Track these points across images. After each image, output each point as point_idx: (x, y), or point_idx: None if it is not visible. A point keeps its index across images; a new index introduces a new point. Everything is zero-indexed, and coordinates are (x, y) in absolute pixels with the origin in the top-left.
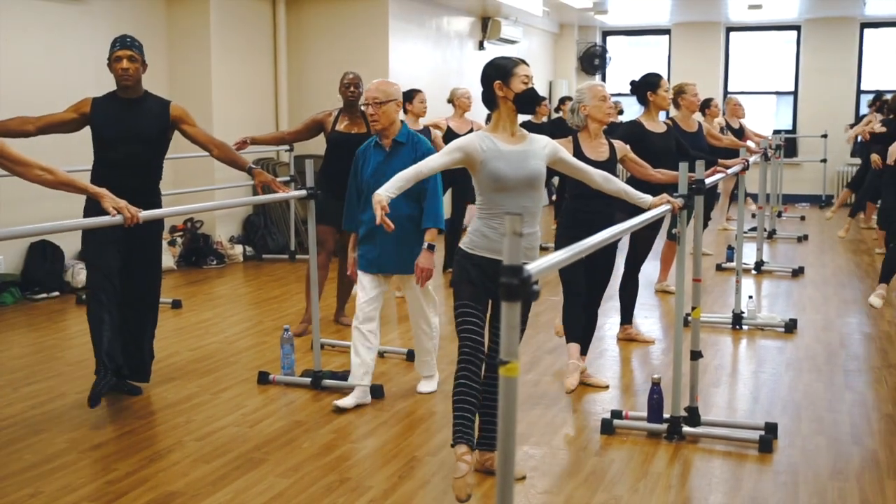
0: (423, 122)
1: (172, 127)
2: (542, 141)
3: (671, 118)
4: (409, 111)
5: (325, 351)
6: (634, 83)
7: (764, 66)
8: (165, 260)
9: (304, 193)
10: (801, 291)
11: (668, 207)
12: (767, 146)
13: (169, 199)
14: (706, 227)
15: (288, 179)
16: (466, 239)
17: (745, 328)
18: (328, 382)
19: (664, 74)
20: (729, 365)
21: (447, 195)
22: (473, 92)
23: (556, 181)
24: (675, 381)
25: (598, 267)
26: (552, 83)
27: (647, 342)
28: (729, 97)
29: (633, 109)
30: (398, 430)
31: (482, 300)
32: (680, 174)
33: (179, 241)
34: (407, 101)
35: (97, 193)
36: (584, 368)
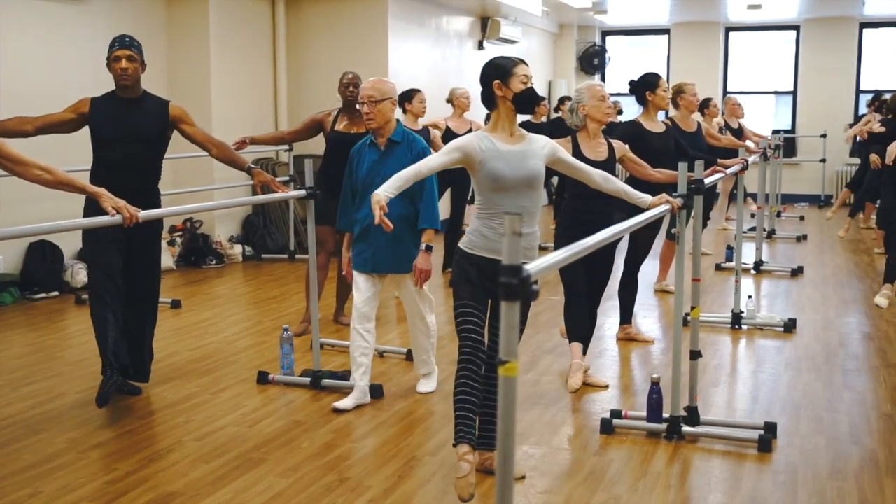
0: (422, 121)
1: (171, 126)
2: (540, 141)
3: (670, 118)
4: (408, 111)
5: (324, 351)
6: (633, 83)
7: (763, 65)
8: (165, 260)
9: (303, 193)
10: (800, 291)
11: (667, 207)
12: (766, 146)
13: (168, 198)
14: (705, 226)
15: (287, 179)
16: (465, 239)
17: (744, 328)
18: (327, 382)
19: (663, 74)
20: (728, 365)
21: (446, 195)
22: (472, 92)
23: (555, 181)
24: (674, 380)
25: (597, 267)
26: (551, 83)
27: (646, 342)
28: (728, 97)
29: (632, 109)
30: (397, 429)
31: (482, 300)
32: (679, 174)
33: (179, 240)
34: (406, 100)
35: (96, 193)
36: (587, 367)
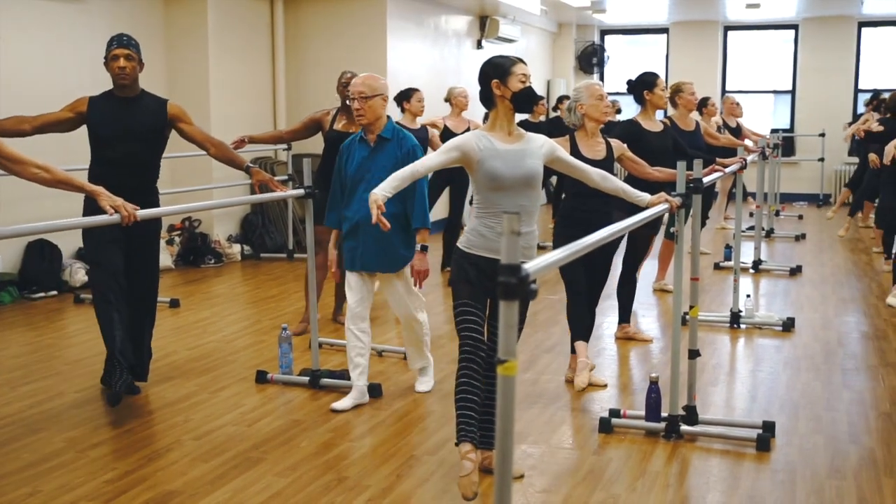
0: (420, 120)
1: (169, 125)
2: (539, 140)
3: (669, 117)
4: (406, 110)
5: (323, 350)
6: (631, 82)
7: (762, 65)
8: (163, 259)
9: (301, 192)
10: (798, 290)
11: (666, 206)
12: (765, 145)
13: (167, 198)
14: (704, 225)
15: (286, 178)
16: (464, 238)
17: (742, 327)
18: (326, 381)
19: (662, 73)
20: (727, 364)
21: (445, 194)
22: (471, 91)
23: (553, 180)
24: (673, 379)
25: (595, 266)
26: (550, 82)
27: (645, 341)
28: (726, 96)
29: (631, 108)
30: (396, 428)
31: (481, 299)
32: (678, 173)
33: (177, 240)
34: (404, 99)
35: (94, 191)
36: (592, 366)
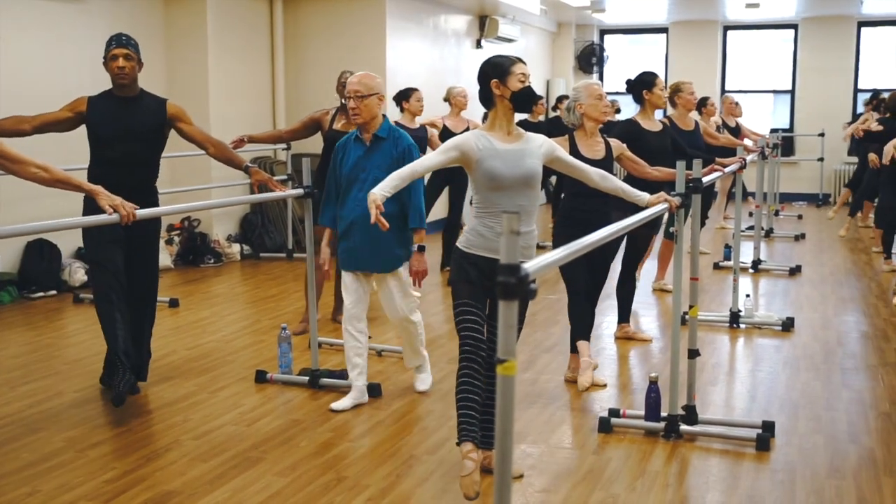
0: (419, 120)
1: (169, 125)
2: (538, 140)
3: (668, 117)
4: (405, 109)
5: (323, 349)
6: (630, 82)
7: (761, 64)
8: (162, 259)
9: (301, 192)
10: (798, 290)
11: (665, 206)
12: (764, 145)
13: (166, 197)
14: (703, 225)
15: (285, 178)
16: (463, 238)
17: (742, 327)
18: (326, 381)
19: (662, 73)
20: (726, 363)
21: (444, 194)
22: (470, 90)
23: (553, 180)
24: (672, 379)
25: (595, 267)
26: (549, 82)
27: (644, 340)
28: (725, 96)
29: (630, 108)
30: (395, 428)
31: (481, 299)
32: (677, 173)
33: (176, 239)
34: (403, 99)
35: (92, 191)
36: (595, 365)
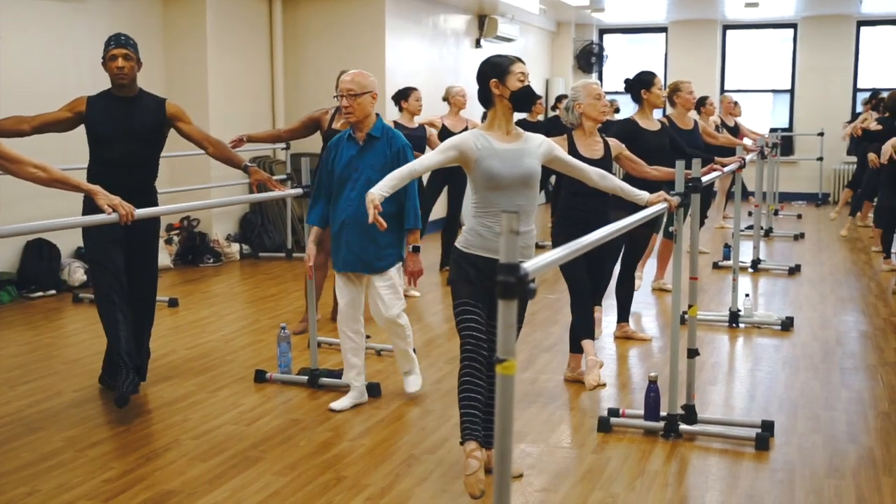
0: (418, 120)
1: (168, 125)
2: (537, 139)
3: (667, 116)
4: (404, 109)
5: (322, 349)
6: (628, 81)
7: (760, 64)
8: (162, 258)
9: (300, 192)
10: (797, 289)
11: (664, 205)
12: (764, 144)
13: (165, 197)
14: (702, 224)
15: (284, 178)
16: (462, 238)
17: (741, 326)
18: (325, 381)
19: (661, 72)
20: (725, 363)
21: (443, 194)
22: (469, 90)
23: (553, 180)
24: (671, 379)
25: (592, 267)
26: (549, 81)
27: (643, 340)
28: (724, 95)
29: (629, 107)
30: (395, 428)
31: (481, 298)
32: (677, 172)
33: (176, 239)
34: (402, 98)
35: (91, 190)
36: (601, 363)
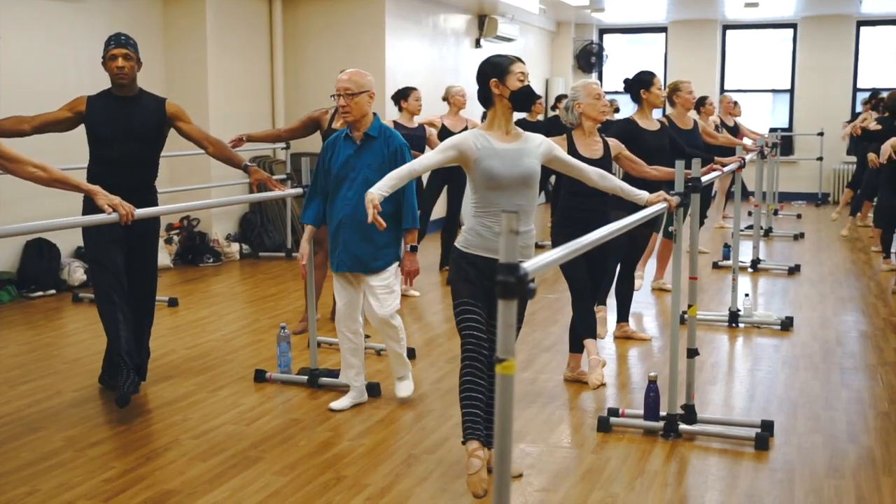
0: (417, 119)
1: (168, 124)
2: (536, 139)
3: (667, 116)
4: (404, 109)
5: (322, 349)
6: (628, 81)
7: (760, 63)
8: (162, 258)
9: (300, 191)
10: (797, 289)
11: (664, 205)
12: (763, 144)
13: (165, 197)
14: (702, 224)
15: (284, 177)
16: (461, 238)
17: (741, 326)
18: (325, 380)
19: (661, 72)
20: (725, 363)
21: (443, 193)
22: (469, 90)
23: (553, 180)
24: (671, 378)
25: (592, 267)
26: (549, 81)
27: (643, 340)
28: (723, 95)
29: (629, 107)
30: (395, 427)
31: (481, 297)
32: (676, 172)
33: (176, 239)
34: (402, 98)
35: (91, 190)
36: (604, 362)
